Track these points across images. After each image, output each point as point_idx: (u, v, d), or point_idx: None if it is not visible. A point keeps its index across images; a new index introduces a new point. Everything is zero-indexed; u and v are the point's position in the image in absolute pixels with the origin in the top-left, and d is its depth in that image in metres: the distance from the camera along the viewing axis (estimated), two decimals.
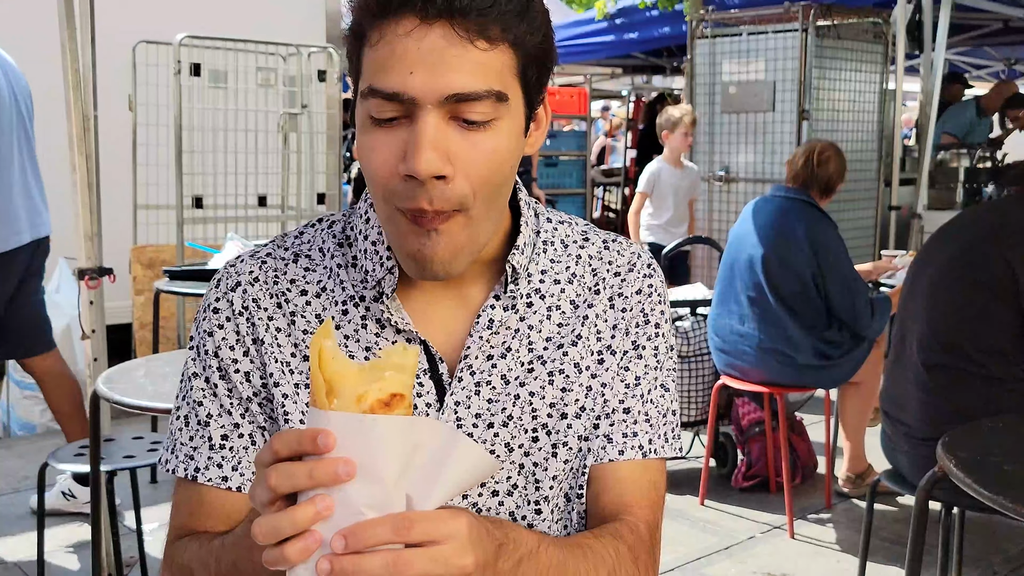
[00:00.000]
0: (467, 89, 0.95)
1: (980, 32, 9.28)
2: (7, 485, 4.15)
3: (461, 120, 0.96)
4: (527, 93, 1.02)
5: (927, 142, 6.45)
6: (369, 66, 0.97)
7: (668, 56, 11.06)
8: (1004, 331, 2.56)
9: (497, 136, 0.99)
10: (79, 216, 3.12)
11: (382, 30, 0.96)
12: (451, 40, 0.94)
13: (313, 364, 0.80)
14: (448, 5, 0.93)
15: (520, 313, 1.12)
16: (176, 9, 5.49)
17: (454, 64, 0.94)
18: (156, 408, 2.29)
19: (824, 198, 3.84)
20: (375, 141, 0.98)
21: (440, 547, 0.80)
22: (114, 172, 4.30)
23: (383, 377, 0.80)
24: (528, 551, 0.93)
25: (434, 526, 0.80)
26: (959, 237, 2.76)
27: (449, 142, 0.96)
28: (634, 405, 1.14)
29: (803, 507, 3.93)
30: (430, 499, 0.81)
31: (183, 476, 1.10)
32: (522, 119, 1.03)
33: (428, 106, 0.95)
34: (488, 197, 1.01)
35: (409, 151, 0.95)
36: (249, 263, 1.13)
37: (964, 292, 2.65)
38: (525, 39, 0.98)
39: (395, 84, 0.95)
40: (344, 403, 0.79)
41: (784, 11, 5.86)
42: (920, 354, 2.73)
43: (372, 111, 0.97)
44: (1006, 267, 2.55)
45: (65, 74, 3.09)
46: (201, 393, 1.10)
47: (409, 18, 0.94)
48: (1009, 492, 1.78)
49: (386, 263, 1.08)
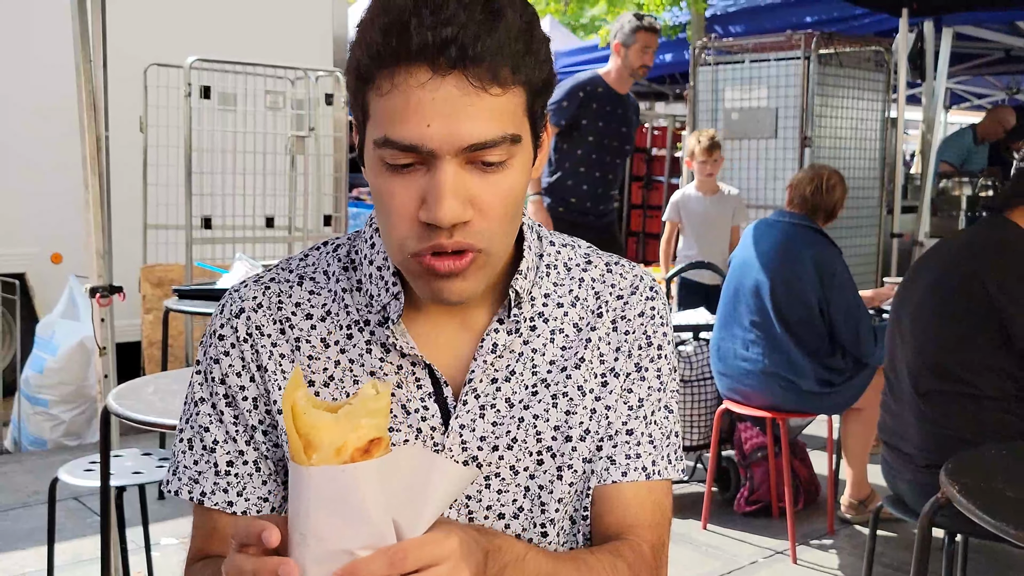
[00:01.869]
0: (484, 138, 0.96)
1: (982, 61, 9.36)
2: (17, 500, 4.18)
3: (478, 164, 0.98)
4: (534, 125, 1.04)
5: (929, 170, 6.50)
6: (381, 114, 0.97)
7: (671, 83, 11.14)
8: (989, 349, 2.61)
9: (512, 174, 1.01)
10: (91, 235, 3.16)
11: (394, 79, 0.95)
12: (465, 90, 0.94)
13: (287, 421, 0.81)
14: (462, 55, 0.93)
15: (524, 336, 1.13)
16: (187, 33, 5.58)
17: (470, 113, 0.95)
18: (165, 424, 2.32)
19: (826, 223, 3.88)
20: (392, 187, 0.99)
21: (436, 569, 0.83)
22: (125, 192, 4.35)
23: (359, 425, 0.82)
24: (514, 558, 0.96)
25: (428, 551, 0.83)
26: (936, 265, 2.82)
27: (468, 187, 0.98)
28: (637, 426, 1.15)
29: (805, 532, 3.93)
30: (419, 522, 0.84)
31: (188, 498, 1.13)
32: (531, 151, 1.05)
33: (447, 156, 0.96)
34: (505, 232, 1.03)
35: (430, 200, 0.96)
36: (253, 288, 1.14)
37: (946, 316, 2.70)
38: (533, 75, 1.00)
39: (412, 137, 0.95)
40: (324, 456, 0.80)
41: (786, 39, 5.92)
42: (912, 382, 2.76)
43: (387, 159, 0.98)
44: (980, 286, 2.61)
45: (79, 94, 3.13)
46: (208, 419, 1.12)
47: (422, 69, 0.94)
48: (1013, 519, 1.79)
49: (391, 288, 1.10)
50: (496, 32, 0.95)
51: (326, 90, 5.49)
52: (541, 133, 1.07)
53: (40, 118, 5.48)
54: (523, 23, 0.98)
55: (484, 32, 0.94)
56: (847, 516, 4.08)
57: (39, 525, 3.78)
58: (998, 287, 2.57)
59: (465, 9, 0.94)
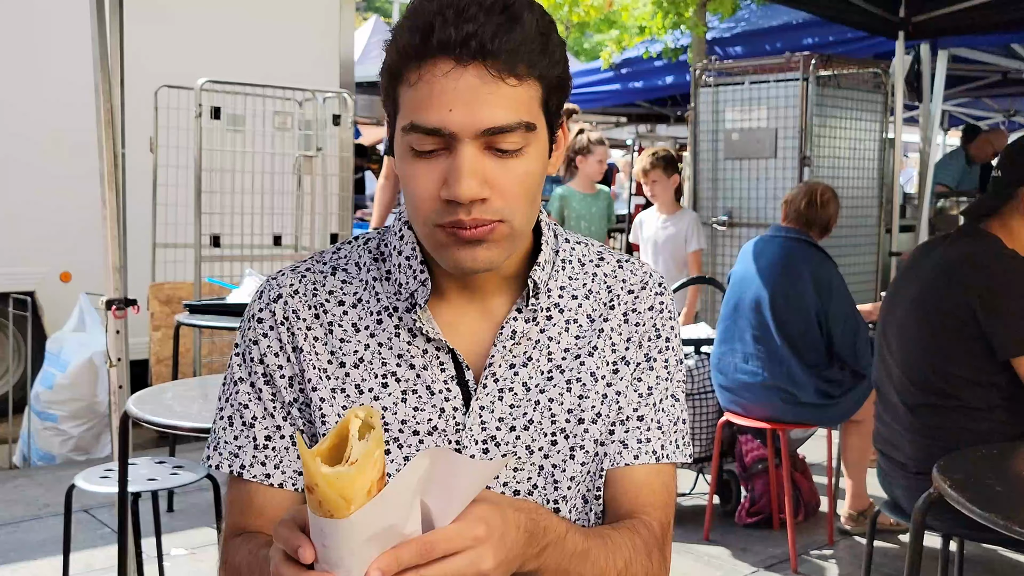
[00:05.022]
0: (501, 123, 1.06)
1: (979, 83, 9.46)
2: (29, 512, 4.25)
3: (495, 149, 1.08)
4: (549, 119, 1.13)
5: (926, 189, 6.58)
6: (409, 103, 1.07)
7: (672, 105, 11.27)
8: (972, 361, 2.62)
9: (528, 161, 1.10)
10: (107, 249, 3.25)
11: (420, 71, 1.06)
12: (484, 79, 1.04)
13: (324, 490, 0.84)
14: (481, 48, 1.03)
15: (540, 325, 1.21)
16: (197, 55, 5.69)
17: (489, 100, 1.05)
18: (184, 427, 2.39)
19: (821, 237, 3.96)
20: (417, 170, 1.09)
21: (456, 559, 0.89)
22: (135, 211, 4.43)
23: (375, 460, 0.86)
24: (556, 537, 1.02)
25: (453, 543, 0.89)
26: (915, 278, 2.83)
27: (486, 169, 1.07)
28: (647, 413, 1.23)
29: (806, 543, 3.98)
30: (448, 513, 0.90)
31: (228, 471, 1.20)
32: (546, 143, 1.14)
33: (466, 139, 1.05)
34: (524, 212, 1.12)
35: (451, 178, 1.06)
36: (290, 276, 1.23)
37: (928, 330, 2.72)
38: (548, 72, 1.10)
39: (436, 120, 1.05)
40: (359, 503, 0.85)
41: (785, 61, 6.02)
42: (900, 396, 2.80)
43: (414, 144, 1.08)
44: (961, 299, 2.62)
45: (98, 113, 3.23)
46: (247, 397, 1.20)
47: (446, 60, 1.04)
48: (1002, 511, 1.86)
49: (419, 276, 1.19)
50: (513, 33, 1.05)
51: (333, 111, 5.58)
52: (557, 130, 1.16)
53: (51, 141, 5.58)
54: (539, 27, 1.08)
55: (502, 32, 1.05)
56: (847, 527, 4.14)
57: (51, 536, 3.85)
58: (978, 300, 2.58)
59: (486, 12, 1.05)
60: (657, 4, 9.33)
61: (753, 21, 8.91)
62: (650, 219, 5.38)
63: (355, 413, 0.88)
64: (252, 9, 6.30)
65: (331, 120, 5.56)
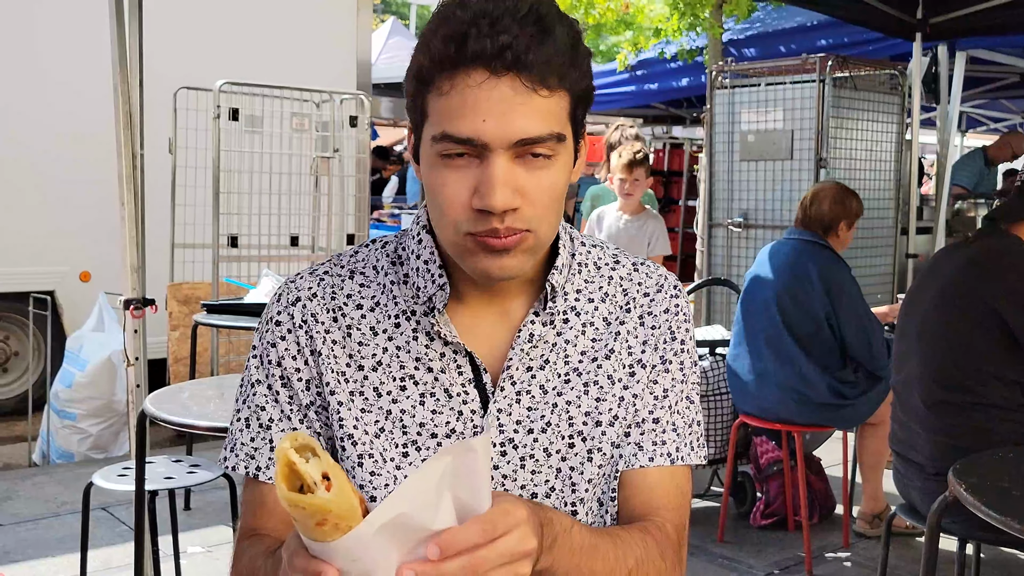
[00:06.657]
0: (533, 134, 1.06)
1: (997, 85, 9.42)
2: (48, 510, 4.29)
3: (527, 157, 1.08)
4: (575, 130, 1.14)
5: (943, 191, 6.55)
6: (440, 112, 1.07)
7: (688, 106, 11.26)
8: (995, 359, 2.65)
9: (555, 171, 1.11)
10: (126, 249, 3.27)
11: (453, 81, 1.06)
12: (518, 90, 1.05)
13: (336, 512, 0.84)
14: (516, 60, 1.04)
15: (557, 328, 1.22)
16: (216, 57, 5.73)
17: (522, 112, 1.05)
18: (201, 426, 2.41)
19: (832, 237, 3.89)
20: (447, 178, 1.09)
21: (508, 537, 0.89)
22: (153, 212, 4.46)
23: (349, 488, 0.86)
24: (563, 529, 1.02)
25: (507, 521, 0.89)
26: (940, 277, 2.86)
27: (517, 178, 1.07)
28: (663, 415, 1.23)
29: (821, 546, 3.98)
30: (482, 500, 0.90)
31: (244, 473, 1.21)
32: (572, 153, 1.15)
33: (499, 149, 1.06)
34: (550, 221, 1.13)
35: (484, 188, 1.06)
36: (308, 280, 1.23)
37: (950, 327, 2.74)
38: (577, 84, 1.10)
39: (469, 130, 1.05)
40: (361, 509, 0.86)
41: (801, 62, 6.01)
42: (920, 394, 2.81)
43: (444, 152, 1.08)
44: (985, 297, 2.65)
45: (117, 114, 3.24)
46: (264, 399, 1.21)
47: (480, 71, 1.05)
48: (1018, 514, 1.85)
49: (438, 280, 1.19)
50: (546, 45, 1.06)
51: (350, 112, 5.61)
52: (580, 140, 1.17)
53: (71, 141, 5.64)
54: (570, 40, 1.09)
55: (535, 44, 1.05)
56: (862, 530, 4.12)
57: (69, 533, 3.88)
58: (1003, 297, 2.62)
59: (519, 23, 1.05)
60: (673, 6, 9.34)
61: (769, 22, 8.90)
62: (611, 216, 4.96)
63: (285, 442, 0.86)
64: (270, 11, 6.34)
65: (348, 121, 5.60)
